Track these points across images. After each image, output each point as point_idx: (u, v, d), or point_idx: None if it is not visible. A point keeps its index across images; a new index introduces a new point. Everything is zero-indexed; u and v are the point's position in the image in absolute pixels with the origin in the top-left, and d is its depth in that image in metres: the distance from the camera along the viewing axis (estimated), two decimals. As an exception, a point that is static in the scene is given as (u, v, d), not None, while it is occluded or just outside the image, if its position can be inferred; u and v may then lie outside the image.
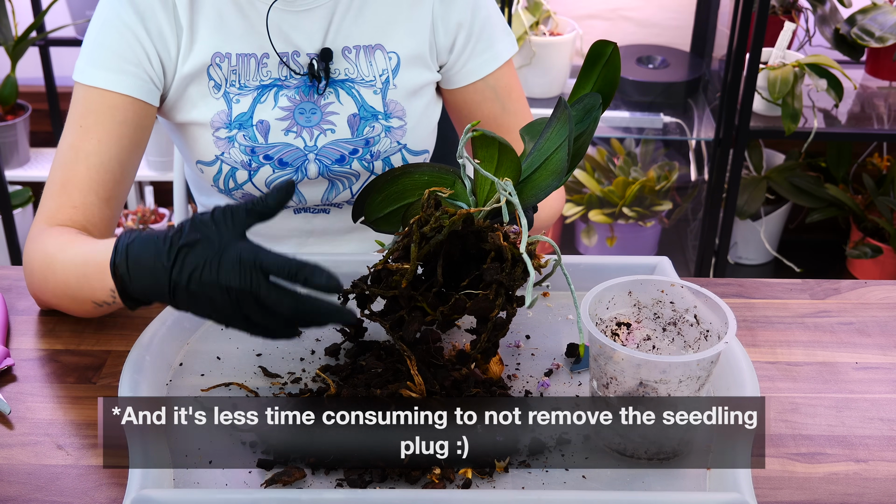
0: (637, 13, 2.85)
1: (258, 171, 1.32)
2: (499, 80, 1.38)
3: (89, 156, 1.24)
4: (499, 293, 1.02)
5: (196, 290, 0.96)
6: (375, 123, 1.33)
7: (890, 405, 1.14)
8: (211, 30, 1.29)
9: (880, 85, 2.63)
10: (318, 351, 1.19)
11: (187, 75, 1.29)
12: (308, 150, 1.33)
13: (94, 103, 1.25)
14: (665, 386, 1.00)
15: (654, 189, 2.77)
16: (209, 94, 1.30)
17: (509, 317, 1.05)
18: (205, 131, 1.32)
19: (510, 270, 1.02)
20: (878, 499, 1.02)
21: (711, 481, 1.02)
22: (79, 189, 1.24)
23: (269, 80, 1.31)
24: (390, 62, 1.33)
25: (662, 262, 1.29)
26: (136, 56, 1.26)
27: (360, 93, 1.33)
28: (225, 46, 1.29)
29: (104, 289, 1.09)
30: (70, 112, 1.27)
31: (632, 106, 2.63)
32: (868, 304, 1.31)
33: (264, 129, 1.31)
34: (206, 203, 1.48)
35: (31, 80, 2.89)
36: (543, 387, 1.14)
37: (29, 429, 1.08)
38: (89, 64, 1.26)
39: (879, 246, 2.72)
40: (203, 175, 1.35)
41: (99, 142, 1.25)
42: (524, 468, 1.03)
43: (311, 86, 1.32)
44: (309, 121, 1.32)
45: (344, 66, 1.32)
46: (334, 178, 1.36)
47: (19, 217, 2.73)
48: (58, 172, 1.25)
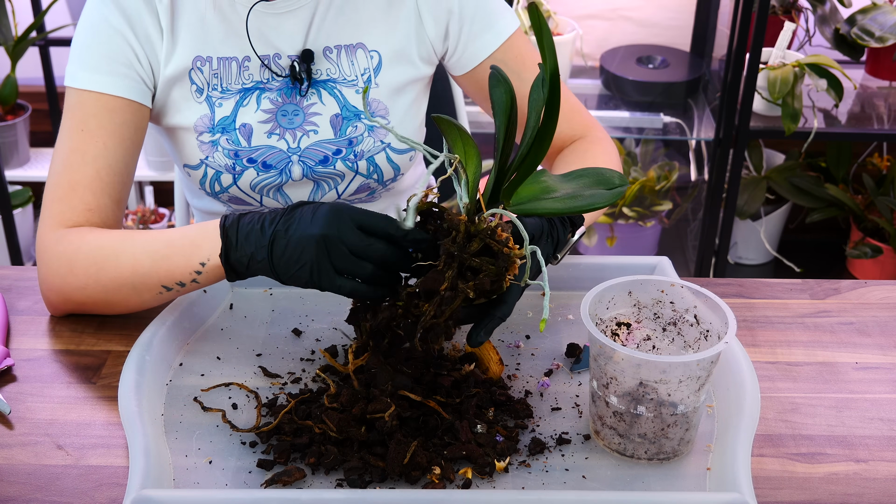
0: (637, 13, 2.85)
1: (242, 174, 1.33)
2: (507, 53, 1.36)
3: (97, 158, 1.24)
4: (448, 265, 0.99)
5: (293, 235, 1.04)
6: (358, 123, 1.33)
7: (890, 405, 1.14)
8: (192, 34, 1.29)
9: (880, 85, 2.63)
10: (317, 351, 1.19)
11: (170, 78, 1.29)
12: (291, 151, 1.33)
13: (91, 107, 1.25)
14: (665, 386, 1.00)
15: (654, 189, 2.77)
16: (192, 98, 1.31)
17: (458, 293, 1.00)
18: (189, 135, 1.32)
19: (462, 243, 0.99)
20: (878, 499, 1.02)
21: (711, 481, 1.02)
22: (91, 191, 1.24)
23: (251, 83, 1.31)
24: (372, 61, 1.33)
25: (662, 262, 1.29)
26: (126, 58, 1.26)
27: (342, 92, 1.33)
28: (206, 50, 1.29)
29: (189, 265, 1.12)
30: (66, 117, 1.27)
31: (632, 106, 2.63)
32: (868, 304, 1.31)
33: (247, 132, 1.31)
34: (197, 205, 1.48)
35: (31, 80, 2.90)
36: (543, 387, 1.14)
37: (29, 429, 1.08)
38: (82, 68, 1.26)
39: (879, 246, 2.72)
40: (190, 178, 1.36)
41: (105, 145, 1.25)
42: (524, 468, 1.03)
43: (293, 88, 1.32)
44: (291, 122, 1.32)
45: (325, 66, 1.32)
46: (319, 179, 1.36)
47: (19, 217, 2.73)
48: (63, 176, 1.24)
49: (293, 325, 1.23)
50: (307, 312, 1.26)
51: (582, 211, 1.04)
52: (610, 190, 1.05)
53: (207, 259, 1.11)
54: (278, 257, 1.05)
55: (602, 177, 1.07)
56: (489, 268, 1.00)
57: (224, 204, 1.39)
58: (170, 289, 1.15)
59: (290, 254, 1.04)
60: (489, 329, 1.05)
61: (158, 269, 1.14)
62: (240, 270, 1.10)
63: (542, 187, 1.06)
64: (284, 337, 1.22)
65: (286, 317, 1.25)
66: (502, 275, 1.02)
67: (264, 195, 1.36)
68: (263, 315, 1.25)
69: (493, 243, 1.00)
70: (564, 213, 1.04)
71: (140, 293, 1.17)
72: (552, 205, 1.04)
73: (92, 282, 1.18)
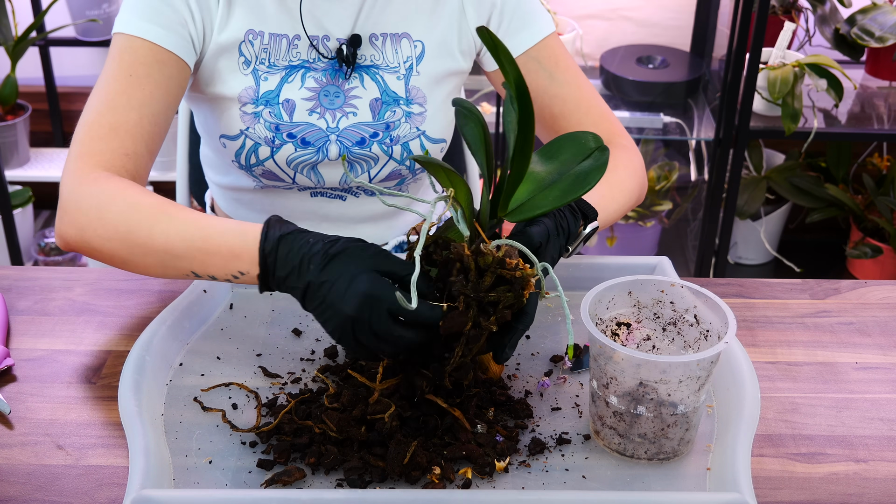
0: (637, 13, 2.85)
1: (280, 148, 1.35)
2: (541, 52, 1.39)
3: (142, 105, 1.23)
4: (469, 305, 0.98)
5: (326, 297, 1.00)
6: (396, 108, 1.36)
7: (890, 405, 1.14)
8: (248, 7, 1.31)
9: (880, 85, 2.63)
10: (318, 351, 1.19)
11: (221, 46, 1.31)
12: (330, 131, 1.35)
13: (143, 55, 1.25)
14: (665, 386, 1.00)
15: (655, 189, 2.77)
16: (238, 70, 1.33)
17: (483, 330, 0.99)
18: (232, 105, 1.34)
19: (476, 281, 0.98)
20: (878, 499, 1.02)
21: (711, 481, 1.02)
22: (131, 136, 1.22)
23: (298, 61, 1.34)
24: (415, 50, 1.36)
25: (662, 262, 1.30)
26: (182, 17, 1.27)
27: (383, 78, 1.36)
28: (259, 25, 1.32)
29: (226, 270, 1.08)
30: (113, 61, 1.25)
31: (632, 106, 2.63)
32: (868, 304, 1.31)
33: (290, 107, 1.34)
34: (222, 182, 1.48)
35: (31, 80, 2.90)
36: (543, 387, 1.14)
37: (29, 429, 1.08)
38: (137, 16, 1.26)
39: (879, 246, 2.72)
40: (226, 150, 1.37)
41: (151, 93, 1.24)
42: (524, 468, 1.03)
43: (338, 70, 1.35)
44: (332, 103, 1.35)
45: (370, 52, 1.35)
46: (353, 161, 1.38)
47: (19, 217, 2.73)
48: (105, 116, 1.22)
49: (293, 325, 1.23)
50: (307, 312, 1.25)
51: (580, 195, 1.03)
52: (589, 158, 1.04)
53: (246, 272, 1.08)
54: (309, 306, 1.03)
55: (575, 140, 1.06)
56: (506, 296, 0.99)
57: (255, 179, 1.40)
58: (199, 276, 1.12)
59: (320, 313, 1.02)
60: (514, 343, 1.03)
61: (192, 259, 1.11)
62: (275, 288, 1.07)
63: (530, 180, 1.05)
64: (284, 337, 1.22)
65: (286, 317, 1.25)
66: (521, 296, 1.00)
67: (298, 171, 1.37)
68: (263, 315, 1.25)
69: (504, 272, 0.99)
70: (562, 205, 1.03)
71: (167, 269, 1.13)
72: (549, 202, 1.03)
73: (119, 239, 1.13)
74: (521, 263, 0.99)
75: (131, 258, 1.13)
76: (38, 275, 1.34)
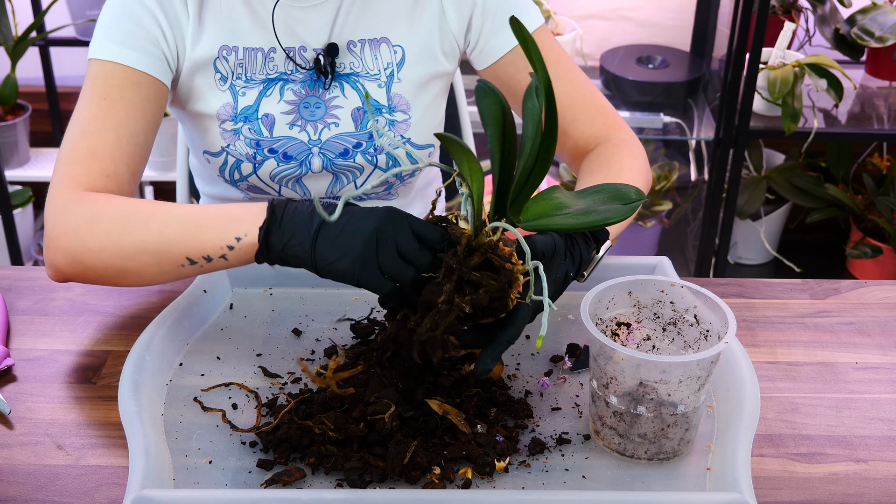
0: (637, 13, 2.85)
1: (263, 163, 1.34)
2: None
3: (118, 126, 1.23)
4: (447, 278, 0.98)
5: (344, 225, 1.01)
6: (379, 117, 1.34)
7: (890, 405, 1.14)
8: (219, 23, 1.30)
9: (880, 85, 2.63)
10: (318, 351, 1.19)
11: (195, 63, 1.30)
12: (312, 143, 1.34)
13: (116, 79, 1.25)
14: (665, 386, 1.00)
15: (654, 189, 2.77)
16: (215, 87, 1.32)
17: (454, 307, 0.97)
18: (212, 123, 1.33)
19: (462, 256, 0.98)
20: (878, 499, 1.02)
21: (711, 481, 1.02)
22: (110, 158, 1.22)
23: (276, 73, 1.32)
24: (395, 56, 1.34)
25: (662, 262, 1.30)
26: (153, 36, 1.27)
27: (364, 86, 1.34)
28: (232, 40, 1.31)
29: (223, 238, 1.08)
30: (88, 86, 1.25)
31: (632, 106, 2.63)
32: (868, 304, 1.31)
33: (269, 122, 1.32)
34: (211, 193, 1.48)
35: (31, 80, 2.89)
36: (543, 387, 1.14)
37: (29, 429, 1.08)
38: (109, 41, 1.26)
39: (879, 246, 2.72)
40: (209, 165, 1.37)
41: (127, 114, 1.24)
42: (524, 468, 1.03)
43: (317, 80, 1.33)
44: (313, 115, 1.33)
45: (349, 60, 1.33)
46: (338, 172, 1.37)
47: (19, 217, 2.73)
48: (82, 141, 1.22)
49: (293, 325, 1.23)
50: (307, 312, 1.26)
51: (596, 226, 1.02)
52: (626, 205, 1.03)
53: (245, 234, 1.07)
54: (323, 244, 1.02)
55: (618, 192, 1.05)
56: (490, 283, 0.97)
57: (242, 192, 1.40)
58: (193, 262, 1.11)
59: (338, 242, 1.01)
60: (496, 354, 1.01)
61: (189, 239, 1.10)
62: (274, 251, 1.06)
63: (554, 204, 1.03)
64: (284, 337, 1.22)
65: (286, 317, 1.25)
66: (504, 291, 0.99)
67: (283, 185, 1.37)
68: (263, 315, 1.25)
69: (494, 258, 0.98)
70: (578, 228, 1.01)
71: (160, 263, 1.12)
72: (565, 220, 1.01)
73: (111, 245, 1.13)
74: (515, 259, 0.99)
75: (124, 262, 1.12)
76: (38, 275, 1.34)
